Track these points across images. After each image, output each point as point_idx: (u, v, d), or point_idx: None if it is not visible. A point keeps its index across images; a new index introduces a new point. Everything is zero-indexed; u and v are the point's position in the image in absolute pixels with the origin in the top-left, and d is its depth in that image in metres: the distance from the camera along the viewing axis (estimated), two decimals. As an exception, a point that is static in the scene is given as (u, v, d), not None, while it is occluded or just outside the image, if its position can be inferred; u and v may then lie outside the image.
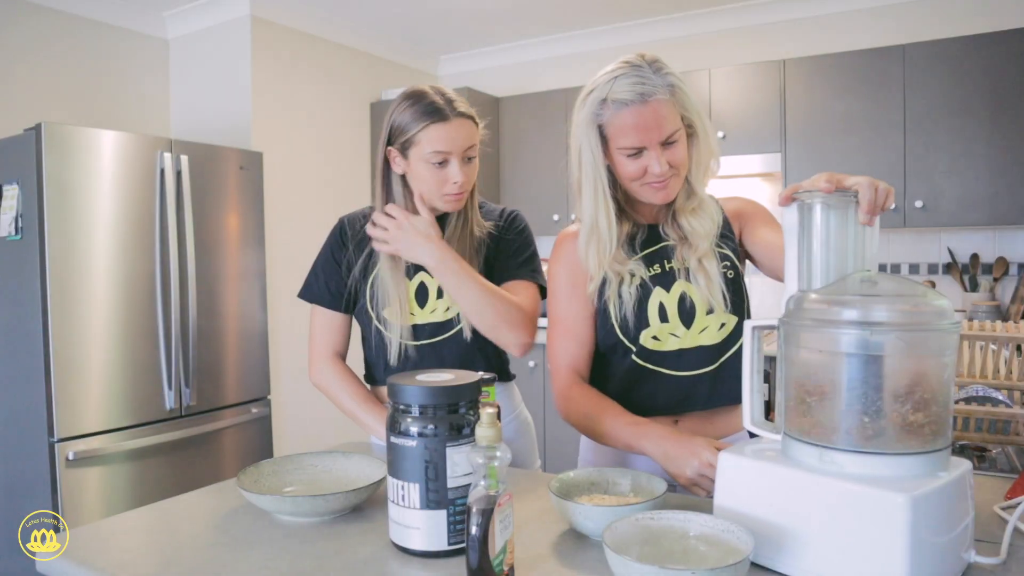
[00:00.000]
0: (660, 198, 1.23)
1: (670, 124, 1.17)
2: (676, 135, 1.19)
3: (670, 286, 1.26)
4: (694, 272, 1.25)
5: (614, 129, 1.19)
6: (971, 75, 2.96)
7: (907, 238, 3.40)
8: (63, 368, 2.48)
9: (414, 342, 1.44)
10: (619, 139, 1.19)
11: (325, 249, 1.52)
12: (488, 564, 0.81)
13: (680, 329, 1.25)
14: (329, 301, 1.50)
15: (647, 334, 1.25)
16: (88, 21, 3.34)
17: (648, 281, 1.26)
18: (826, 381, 0.85)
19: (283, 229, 3.53)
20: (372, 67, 4.13)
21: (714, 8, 3.72)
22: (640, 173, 1.20)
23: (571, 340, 1.30)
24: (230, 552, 0.96)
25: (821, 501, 0.82)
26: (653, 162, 1.18)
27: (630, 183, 1.23)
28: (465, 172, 1.39)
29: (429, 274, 1.44)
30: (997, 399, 1.36)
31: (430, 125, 1.35)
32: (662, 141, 1.17)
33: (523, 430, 1.58)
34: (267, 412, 3.17)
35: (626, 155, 1.19)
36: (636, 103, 1.16)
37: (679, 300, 1.26)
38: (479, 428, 0.84)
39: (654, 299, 1.26)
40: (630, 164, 1.20)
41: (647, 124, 1.16)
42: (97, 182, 2.57)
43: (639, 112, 1.16)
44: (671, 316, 1.25)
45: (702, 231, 1.26)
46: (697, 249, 1.26)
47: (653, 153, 1.18)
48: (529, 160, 4.03)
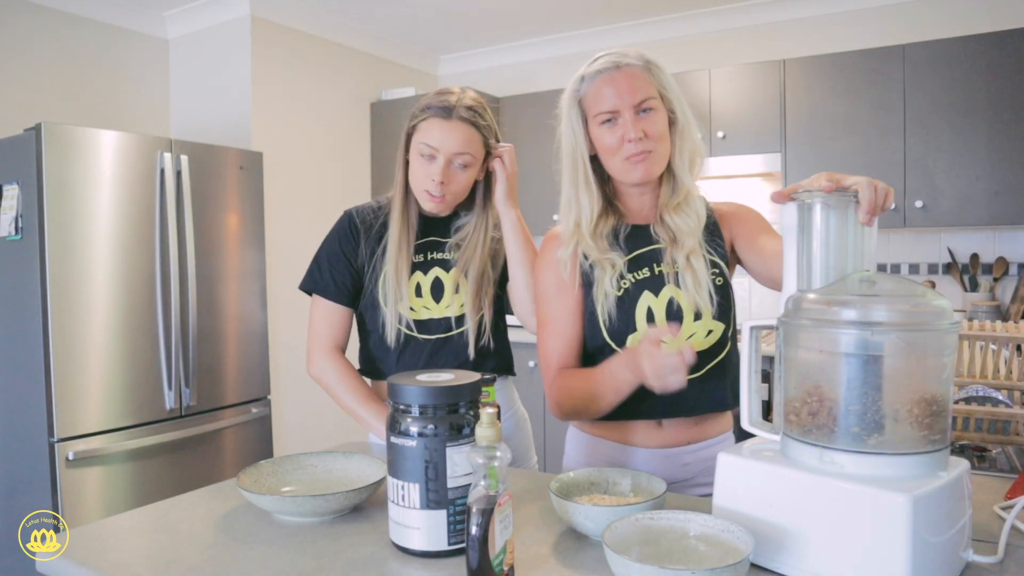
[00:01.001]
0: (639, 173, 1.23)
1: (643, 90, 1.20)
2: (650, 103, 1.21)
3: (659, 290, 1.25)
4: (682, 272, 1.25)
5: (591, 98, 1.23)
6: (971, 75, 2.96)
7: (907, 238, 3.40)
8: (63, 368, 2.48)
9: (427, 336, 1.45)
10: (595, 106, 1.22)
11: (331, 240, 1.51)
12: (488, 564, 0.81)
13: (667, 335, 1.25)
14: (333, 293, 1.49)
15: (633, 338, 1.24)
16: (88, 21, 3.33)
17: (637, 284, 1.26)
18: (825, 381, 0.85)
19: (283, 229, 3.53)
20: (372, 67, 4.13)
21: (714, 8, 3.72)
22: (618, 143, 1.21)
23: (558, 339, 1.29)
24: (230, 552, 0.96)
25: (821, 501, 0.82)
26: (629, 128, 1.19)
27: (611, 159, 1.24)
28: (447, 175, 1.39)
29: (444, 270, 1.46)
30: (997, 399, 1.36)
31: (430, 118, 1.38)
32: (635, 104, 1.20)
33: (520, 426, 1.59)
34: (267, 412, 3.17)
35: (602, 124, 1.22)
36: (609, 69, 1.22)
37: (667, 305, 1.25)
38: (479, 428, 0.84)
39: (642, 303, 1.25)
40: (606, 134, 1.22)
41: (619, 87, 1.20)
42: (97, 182, 2.57)
43: (611, 77, 1.21)
44: (659, 321, 1.24)
45: (686, 228, 1.26)
46: (684, 247, 1.25)
47: (627, 117, 1.20)
48: (529, 160, 4.00)
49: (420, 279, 1.46)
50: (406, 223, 1.45)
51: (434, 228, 1.50)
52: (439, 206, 1.43)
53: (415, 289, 1.45)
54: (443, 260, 1.48)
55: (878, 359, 0.83)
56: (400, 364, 1.46)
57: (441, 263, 1.48)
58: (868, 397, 0.83)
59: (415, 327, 1.45)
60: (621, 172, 1.25)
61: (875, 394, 0.82)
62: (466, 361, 1.46)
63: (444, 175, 1.38)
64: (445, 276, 1.46)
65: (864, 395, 0.83)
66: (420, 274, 1.46)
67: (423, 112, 1.39)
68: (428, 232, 1.50)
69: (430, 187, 1.39)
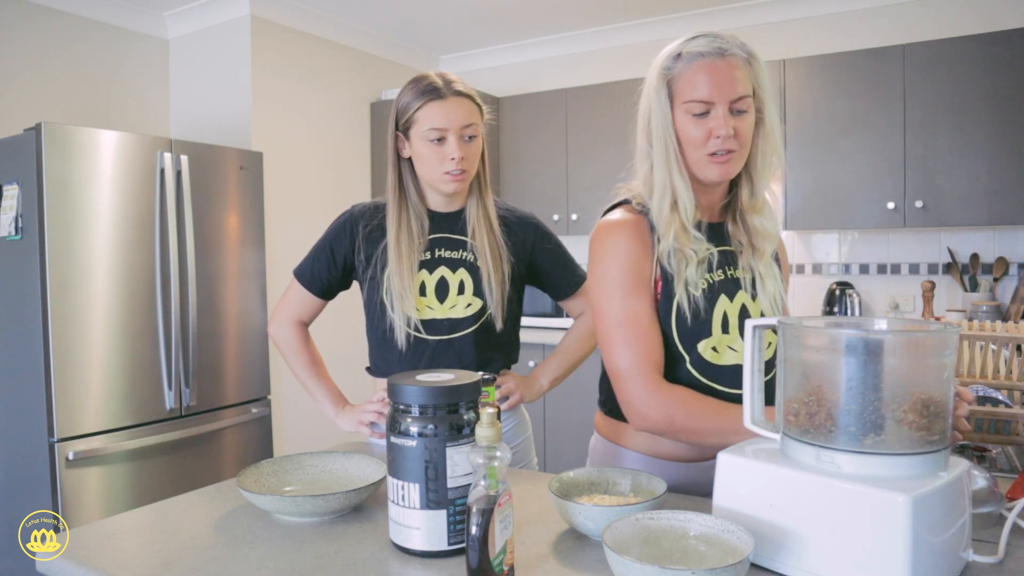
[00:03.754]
0: (719, 173, 1.13)
1: (742, 86, 1.11)
2: (746, 103, 1.12)
3: (733, 295, 1.17)
4: (761, 280, 1.17)
5: (683, 82, 1.12)
6: (971, 75, 2.96)
7: (907, 238, 3.40)
8: (63, 368, 2.48)
9: (432, 336, 1.45)
10: (687, 92, 1.11)
11: (326, 237, 1.54)
12: (488, 564, 0.81)
13: (739, 343, 1.16)
14: (308, 282, 1.54)
15: (706, 344, 1.15)
16: (88, 21, 3.33)
17: (716, 285, 1.16)
18: (825, 381, 0.85)
19: (283, 229, 3.53)
20: (372, 67, 4.13)
21: (714, 8, 3.72)
22: (704, 137, 1.11)
23: (640, 342, 1.13)
24: (230, 552, 0.96)
25: (821, 501, 0.82)
26: (720, 123, 1.09)
27: (692, 151, 1.14)
28: (463, 149, 1.41)
29: (450, 269, 1.46)
30: (997, 399, 1.36)
31: (427, 103, 1.39)
32: (732, 100, 1.10)
33: (521, 427, 1.59)
34: (267, 412, 3.17)
35: (692, 114, 1.12)
36: (712, 55, 1.10)
37: (740, 311, 1.17)
38: (479, 428, 0.84)
39: (719, 307, 1.16)
40: (693, 126, 1.12)
41: (720, 77, 1.09)
42: (97, 182, 2.57)
43: (713, 64, 1.10)
44: (732, 328, 1.16)
45: (772, 231, 1.20)
46: (764, 254, 1.19)
47: (720, 111, 1.10)
48: (529, 160, 4.03)
49: (425, 278, 1.46)
50: (406, 223, 1.46)
51: (443, 225, 1.50)
52: (460, 184, 1.44)
53: (419, 288, 1.46)
54: (451, 259, 1.48)
55: (878, 359, 0.83)
56: (403, 364, 1.46)
57: (448, 262, 1.48)
58: (868, 397, 0.82)
59: (420, 327, 1.45)
60: (698, 167, 1.15)
61: (875, 394, 0.82)
62: (470, 364, 1.46)
63: (461, 150, 1.40)
64: (450, 276, 1.47)
65: (864, 395, 0.83)
66: (425, 273, 1.46)
67: (415, 102, 1.41)
68: (437, 229, 1.50)
69: (449, 167, 1.41)
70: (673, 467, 1.20)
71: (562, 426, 3.59)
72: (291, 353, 1.57)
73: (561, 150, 3.88)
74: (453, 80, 1.43)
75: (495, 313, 1.47)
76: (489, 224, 1.50)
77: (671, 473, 1.19)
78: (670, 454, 1.21)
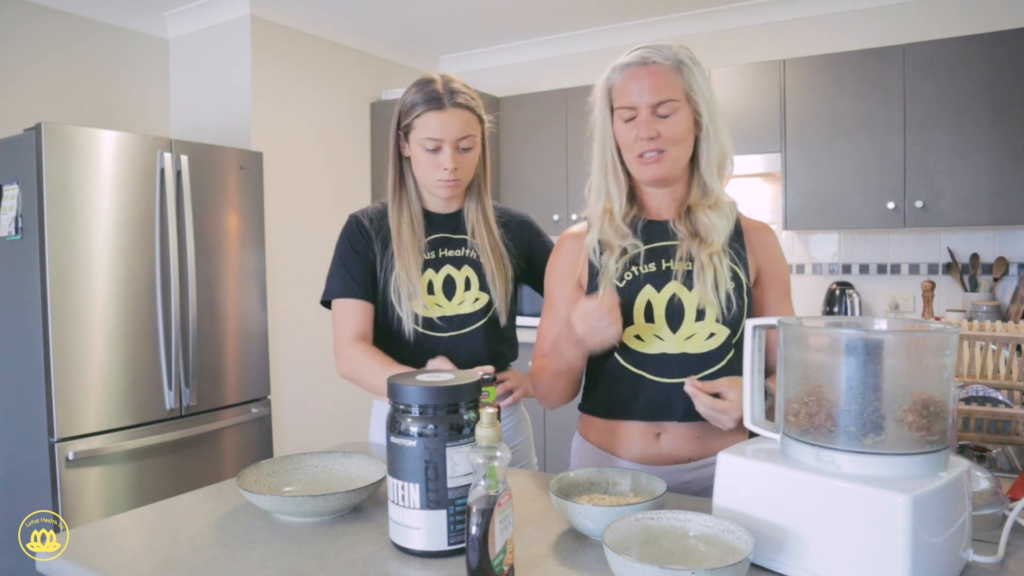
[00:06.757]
0: (649, 173, 1.22)
1: (664, 91, 1.19)
2: (670, 106, 1.19)
3: (662, 286, 1.23)
4: (701, 270, 1.21)
5: (617, 91, 1.23)
6: (971, 75, 2.96)
7: (907, 238, 3.40)
8: (63, 368, 2.48)
9: (441, 334, 1.45)
10: (619, 99, 1.22)
11: (342, 244, 1.52)
12: (488, 564, 0.81)
13: (665, 332, 1.22)
14: (356, 291, 1.48)
15: (630, 332, 1.23)
16: (88, 21, 3.33)
17: (642, 277, 1.24)
18: (825, 381, 0.85)
19: (283, 229, 3.53)
20: (372, 67, 4.12)
21: (714, 8, 3.72)
22: (632, 141, 1.21)
23: (556, 321, 1.31)
24: (230, 552, 0.96)
25: (821, 501, 0.82)
26: (642, 126, 1.19)
27: (626, 154, 1.24)
28: (457, 160, 1.42)
29: (455, 267, 1.48)
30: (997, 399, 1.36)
31: (426, 112, 1.40)
32: (653, 104, 1.19)
33: (520, 427, 1.60)
34: (267, 412, 3.17)
35: (623, 120, 1.22)
36: (636, 64, 1.21)
37: (668, 301, 1.23)
38: (479, 428, 0.84)
39: (642, 296, 1.23)
40: (624, 130, 1.22)
41: (641, 85, 1.19)
42: (97, 182, 2.57)
43: (636, 72, 1.20)
44: (657, 317, 1.22)
45: (720, 226, 1.24)
46: (711, 245, 1.23)
47: (644, 115, 1.19)
48: (529, 160, 4.03)
49: (432, 276, 1.47)
50: (409, 222, 1.47)
51: (442, 225, 1.52)
52: (454, 190, 1.46)
53: (427, 287, 1.46)
54: (454, 257, 1.49)
55: (878, 359, 0.83)
56: (414, 362, 1.45)
57: (452, 260, 1.49)
58: (868, 397, 0.82)
59: (429, 325, 1.46)
60: (633, 168, 1.25)
61: (875, 394, 0.82)
62: (481, 358, 1.46)
63: (454, 161, 1.41)
64: (456, 273, 1.48)
65: (864, 395, 0.83)
66: (432, 271, 1.47)
67: (415, 109, 1.41)
68: (436, 229, 1.51)
69: (442, 175, 1.43)
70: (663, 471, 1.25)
71: (562, 426, 3.59)
72: (366, 371, 1.41)
73: (561, 150, 3.88)
74: (457, 89, 1.42)
75: (500, 308, 1.49)
76: (487, 223, 1.51)
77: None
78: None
